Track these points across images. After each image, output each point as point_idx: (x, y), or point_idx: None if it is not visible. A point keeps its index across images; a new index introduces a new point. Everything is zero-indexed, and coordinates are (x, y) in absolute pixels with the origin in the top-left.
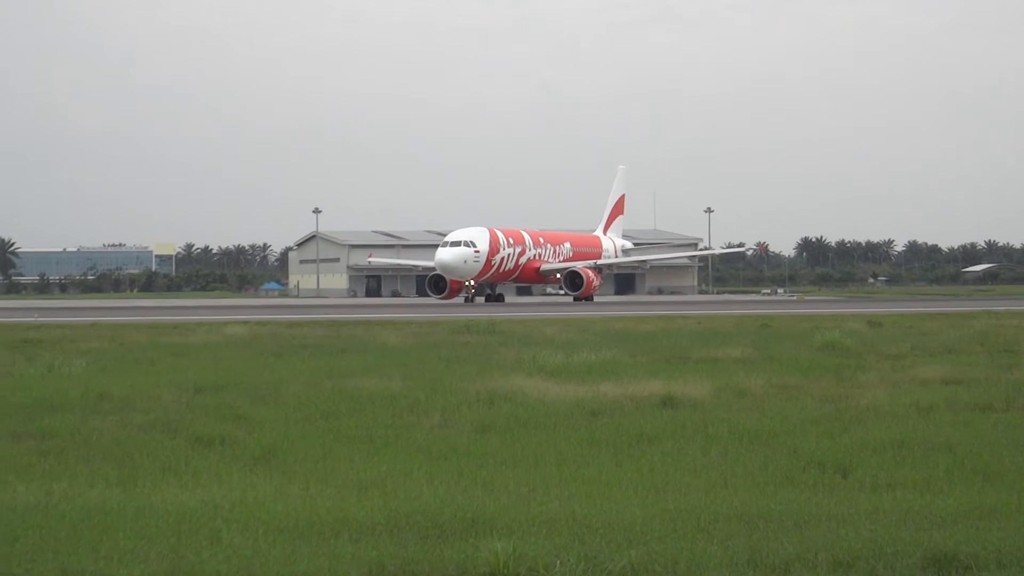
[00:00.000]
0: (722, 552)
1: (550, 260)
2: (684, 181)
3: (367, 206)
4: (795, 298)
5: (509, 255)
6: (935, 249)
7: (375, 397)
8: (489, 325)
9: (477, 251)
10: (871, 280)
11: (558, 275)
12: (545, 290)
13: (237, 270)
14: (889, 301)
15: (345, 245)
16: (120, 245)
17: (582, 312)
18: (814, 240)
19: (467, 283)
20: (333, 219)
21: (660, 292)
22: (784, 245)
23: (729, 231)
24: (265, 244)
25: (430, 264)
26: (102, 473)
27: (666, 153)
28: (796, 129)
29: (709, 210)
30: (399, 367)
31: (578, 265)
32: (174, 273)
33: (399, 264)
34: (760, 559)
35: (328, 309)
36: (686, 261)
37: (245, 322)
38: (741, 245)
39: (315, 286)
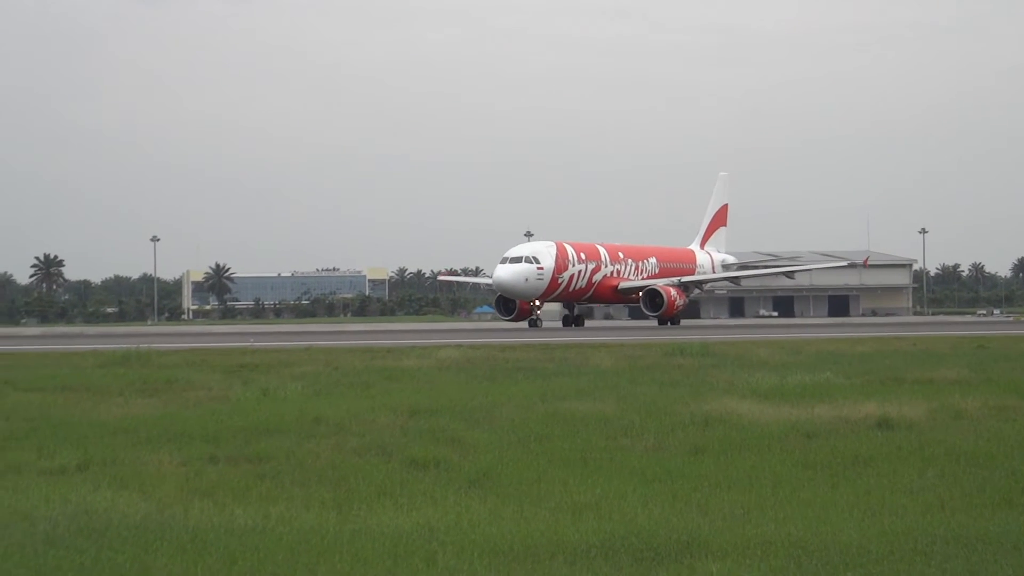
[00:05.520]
0: (940, 574)
1: (631, 277)
2: (900, 204)
3: (579, 229)
4: (1011, 319)
5: (580, 272)
6: None
7: (588, 420)
8: (702, 348)
9: (540, 268)
10: None
11: (639, 294)
12: (607, 312)
13: (450, 294)
14: None
15: None
16: (333, 270)
17: (794, 335)
18: None
19: (532, 303)
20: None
21: (875, 314)
22: (1000, 266)
23: (944, 252)
24: (478, 268)
25: None
26: (318, 496)
27: (880, 175)
28: (1012, 147)
29: (923, 231)
30: (612, 390)
31: (659, 283)
32: (387, 297)
33: (466, 281)
34: None
35: (538, 332)
36: (901, 282)
37: (458, 345)
38: (956, 267)
39: None
